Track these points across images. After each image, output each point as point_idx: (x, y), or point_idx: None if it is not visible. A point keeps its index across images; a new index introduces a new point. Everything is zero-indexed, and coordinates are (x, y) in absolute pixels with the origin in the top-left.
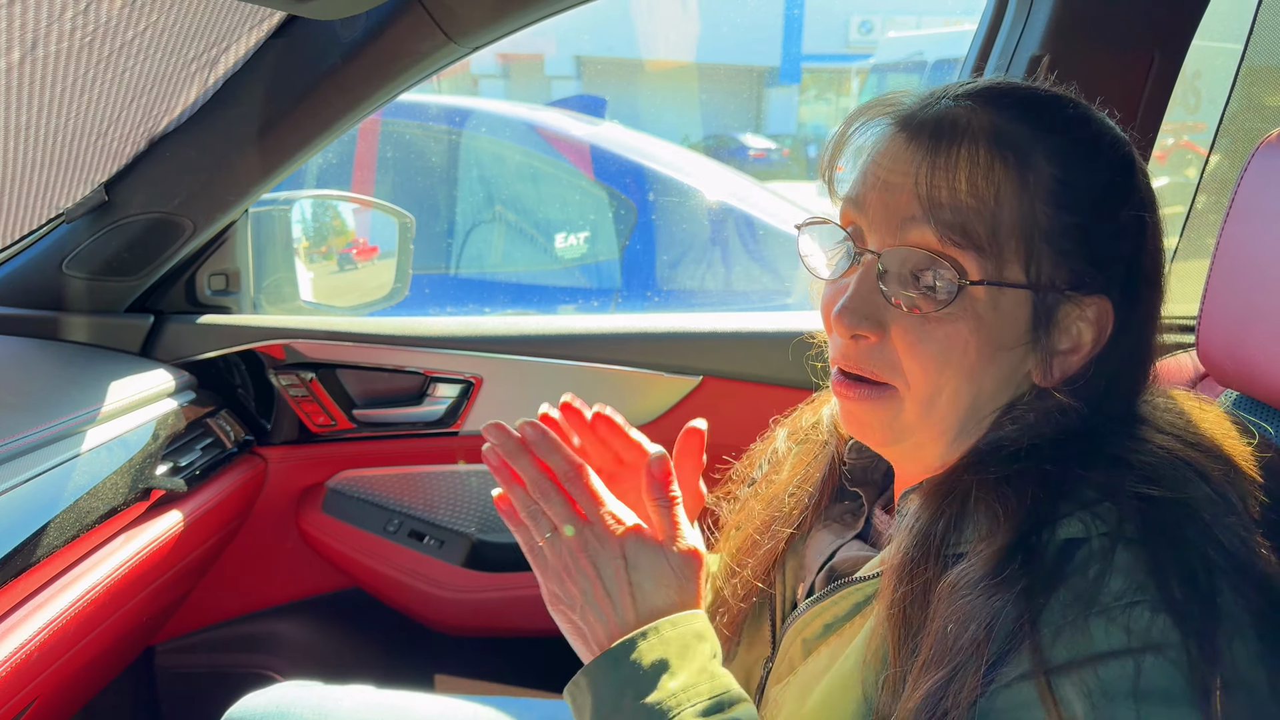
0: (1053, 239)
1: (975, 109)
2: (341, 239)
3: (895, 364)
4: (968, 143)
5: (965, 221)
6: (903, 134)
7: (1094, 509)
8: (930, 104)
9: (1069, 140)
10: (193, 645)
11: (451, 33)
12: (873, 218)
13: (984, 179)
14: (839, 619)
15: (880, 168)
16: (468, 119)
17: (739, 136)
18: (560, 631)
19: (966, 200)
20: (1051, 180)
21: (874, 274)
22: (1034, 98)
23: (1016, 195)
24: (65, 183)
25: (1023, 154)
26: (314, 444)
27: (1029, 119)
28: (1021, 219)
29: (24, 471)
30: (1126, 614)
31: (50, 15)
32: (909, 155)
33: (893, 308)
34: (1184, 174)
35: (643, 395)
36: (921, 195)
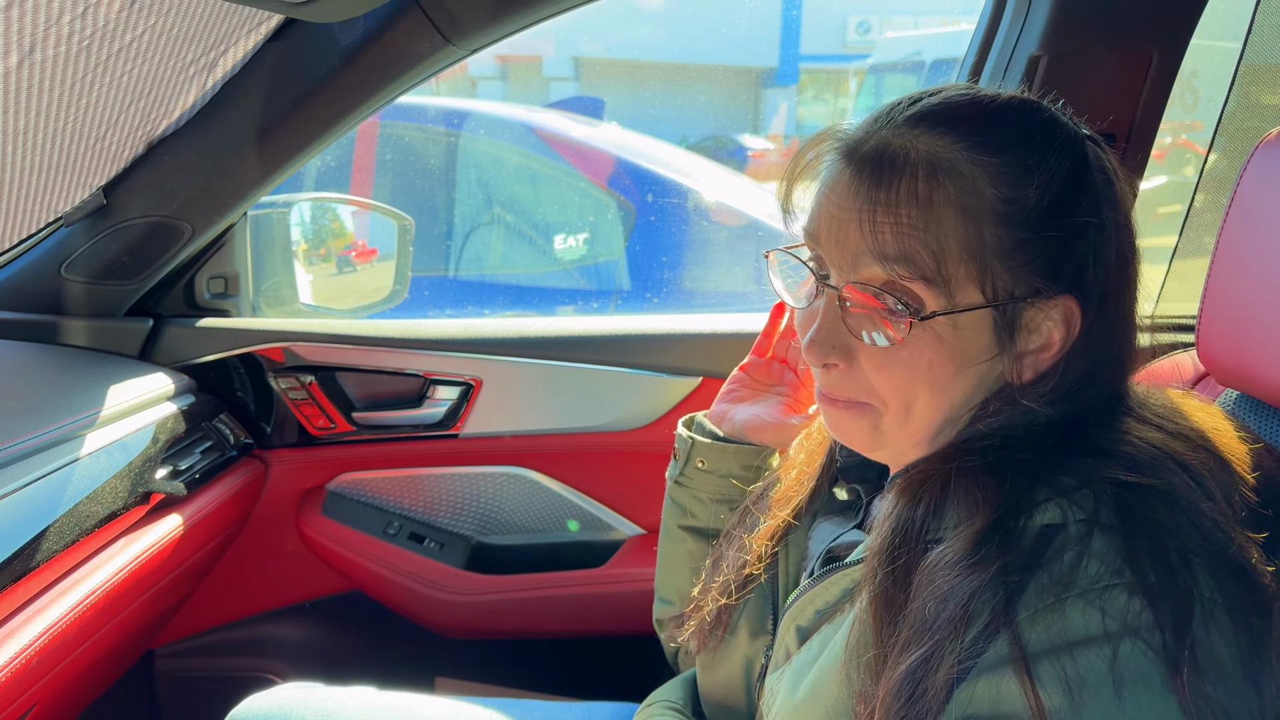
0: (1005, 257)
1: (916, 135)
2: (340, 241)
3: (867, 386)
4: (907, 176)
5: (911, 255)
6: (849, 168)
7: (1071, 496)
8: (872, 132)
9: (1014, 157)
10: (193, 649)
11: (449, 35)
12: (829, 252)
13: (924, 211)
14: (829, 605)
15: (830, 203)
16: (466, 121)
17: (737, 137)
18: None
19: (909, 234)
20: (996, 201)
21: (835, 307)
22: (978, 116)
23: (961, 222)
24: (64, 186)
25: (963, 180)
26: (314, 447)
27: (970, 140)
28: (969, 244)
29: (23, 476)
30: (1102, 599)
31: (48, 19)
32: (854, 190)
33: (854, 338)
34: (1182, 173)
35: (642, 397)
36: (866, 233)
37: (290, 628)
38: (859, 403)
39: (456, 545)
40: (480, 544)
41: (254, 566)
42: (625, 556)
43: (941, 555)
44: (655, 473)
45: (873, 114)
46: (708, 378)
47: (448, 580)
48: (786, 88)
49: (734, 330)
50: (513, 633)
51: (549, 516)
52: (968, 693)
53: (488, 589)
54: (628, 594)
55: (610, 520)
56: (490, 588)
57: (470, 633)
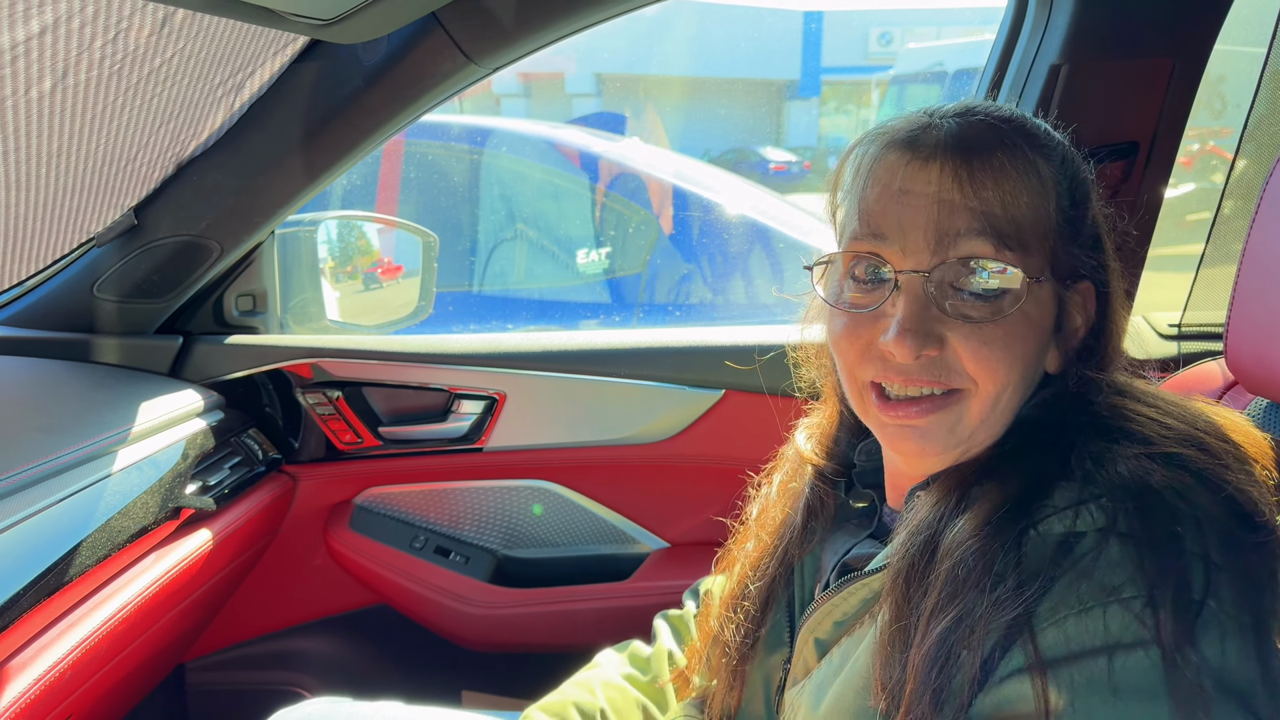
0: (1062, 234)
1: (978, 124)
2: (366, 259)
3: (960, 370)
4: (994, 153)
5: (1016, 224)
6: (918, 157)
7: (1090, 504)
8: (930, 126)
9: (1055, 149)
10: (223, 662)
11: (472, 54)
12: (905, 242)
13: (1022, 183)
14: (849, 616)
15: (902, 191)
16: (489, 138)
17: (759, 150)
18: (585, 647)
19: (1014, 204)
20: (1054, 181)
21: (922, 294)
22: (1016, 116)
23: (1036, 196)
24: (95, 207)
25: (1030, 159)
26: (341, 461)
27: (1021, 132)
28: (1043, 219)
29: (57, 492)
30: (1107, 610)
31: (80, 44)
32: (934, 171)
33: (949, 320)
34: (1210, 179)
35: (665, 410)
36: (969, 203)
37: (318, 641)
38: (951, 391)
39: (482, 559)
40: (505, 557)
41: (282, 580)
42: (650, 570)
43: (967, 522)
44: (679, 486)
45: (911, 117)
46: (731, 390)
47: (473, 594)
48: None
49: (757, 342)
50: (538, 646)
51: (573, 530)
52: (982, 701)
53: (513, 602)
54: (652, 607)
55: (635, 534)
56: (516, 601)
57: (496, 646)
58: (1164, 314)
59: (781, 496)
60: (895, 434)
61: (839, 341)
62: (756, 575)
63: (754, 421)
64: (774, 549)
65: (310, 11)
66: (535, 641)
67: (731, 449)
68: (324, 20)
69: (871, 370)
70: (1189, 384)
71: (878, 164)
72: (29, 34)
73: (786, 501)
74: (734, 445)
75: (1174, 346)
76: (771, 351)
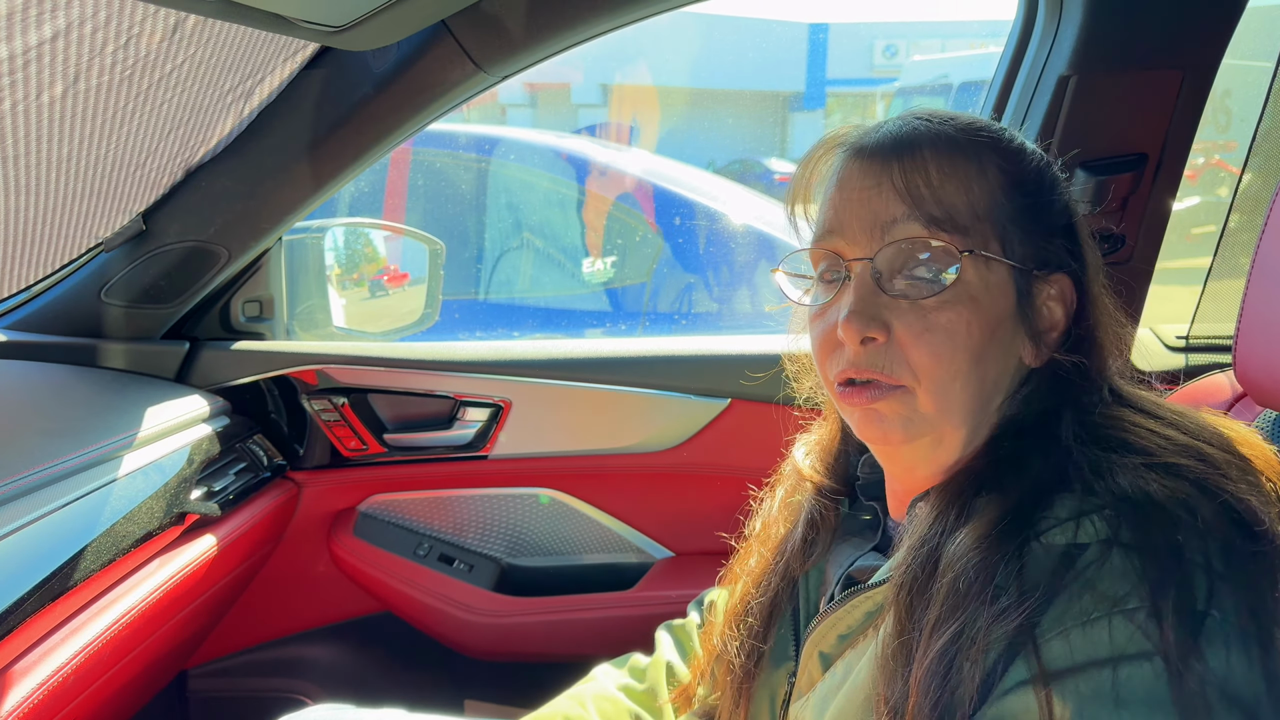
0: (1015, 219)
1: (919, 123)
2: (373, 266)
3: (903, 361)
4: (927, 146)
5: (945, 207)
6: (861, 156)
7: (1091, 515)
8: (876, 129)
9: (1000, 141)
10: (225, 669)
11: (481, 62)
12: (853, 234)
13: (950, 170)
14: (852, 629)
15: (850, 188)
16: (496, 147)
17: (764, 161)
18: (589, 656)
19: (941, 188)
20: (1000, 171)
21: (869, 279)
22: (963, 117)
23: (979, 183)
24: (104, 212)
25: (972, 152)
26: (345, 468)
27: (964, 128)
28: (989, 203)
29: (63, 496)
30: (1111, 621)
31: (92, 50)
32: (875, 168)
33: (894, 305)
34: (1215, 193)
35: (671, 418)
36: (900, 192)
37: (321, 649)
38: (896, 386)
39: (485, 567)
40: (509, 565)
41: (286, 587)
42: (654, 579)
43: (967, 535)
44: (684, 495)
45: (864, 124)
46: (736, 399)
47: (477, 602)
48: (813, 111)
49: (762, 351)
50: (541, 655)
51: (578, 539)
52: (984, 714)
53: (516, 611)
54: (656, 616)
55: (639, 543)
56: (519, 610)
57: (499, 655)
58: (1171, 326)
59: (782, 512)
60: (860, 421)
61: (814, 343)
62: (759, 591)
63: (760, 431)
64: (775, 564)
65: (322, 18)
66: (538, 651)
67: (737, 458)
68: (335, 27)
69: (834, 366)
70: (1197, 396)
71: (828, 169)
72: (41, 39)
73: (787, 517)
74: (740, 455)
75: (1181, 358)
76: (778, 361)
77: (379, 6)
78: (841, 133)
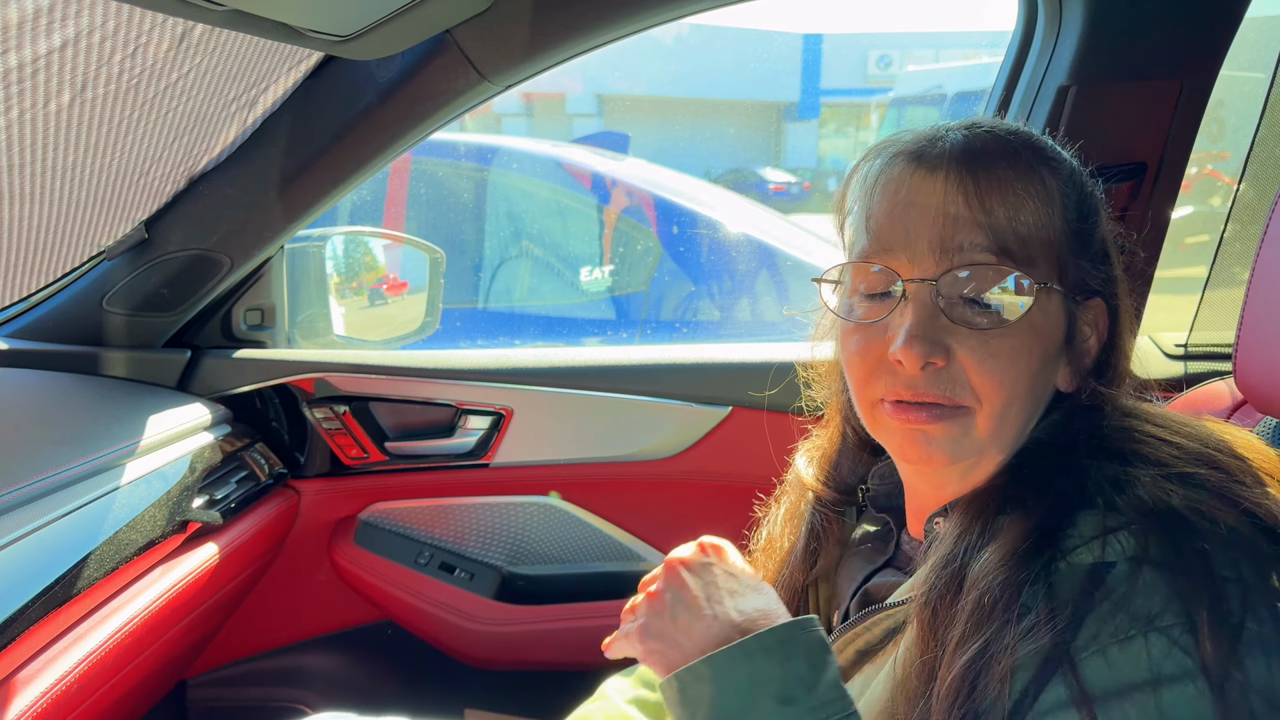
0: (1070, 246)
1: (988, 136)
2: (373, 274)
3: (965, 384)
4: (1002, 164)
5: (1020, 236)
6: (925, 165)
7: (1117, 532)
8: (939, 139)
9: (1061, 162)
10: (225, 678)
11: (485, 71)
12: (915, 251)
13: (1025, 194)
14: (872, 645)
15: (913, 202)
16: (496, 156)
17: (759, 170)
18: (590, 665)
19: (1016, 215)
20: (1063, 196)
21: (930, 302)
22: (1023, 132)
23: (1049, 209)
24: (107, 221)
25: (1037, 173)
26: (346, 476)
27: (1033, 146)
28: (1051, 231)
29: (65, 504)
30: (1148, 639)
31: (100, 59)
32: (943, 182)
33: (956, 330)
34: (1209, 203)
35: (671, 426)
36: (975, 213)
37: (321, 658)
38: (956, 405)
39: (487, 575)
40: (510, 574)
41: (287, 596)
42: None
43: (993, 554)
44: (686, 502)
45: (919, 131)
46: (737, 407)
47: (478, 610)
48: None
49: (762, 359)
50: (543, 664)
51: (579, 546)
52: None
53: (517, 619)
54: None
55: (641, 550)
56: (520, 618)
57: (500, 663)
58: (1170, 334)
59: (786, 523)
60: (905, 439)
61: (850, 358)
62: None
63: (762, 438)
64: (779, 576)
65: (328, 28)
66: (540, 659)
67: (739, 466)
68: (341, 37)
69: (881, 386)
70: (1197, 404)
71: (884, 176)
72: (50, 48)
73: (791, 528)
74: (741, 462)
75: (1180, 366)
76: (780, 369)
77: (385, 16)
78: (898, 138)
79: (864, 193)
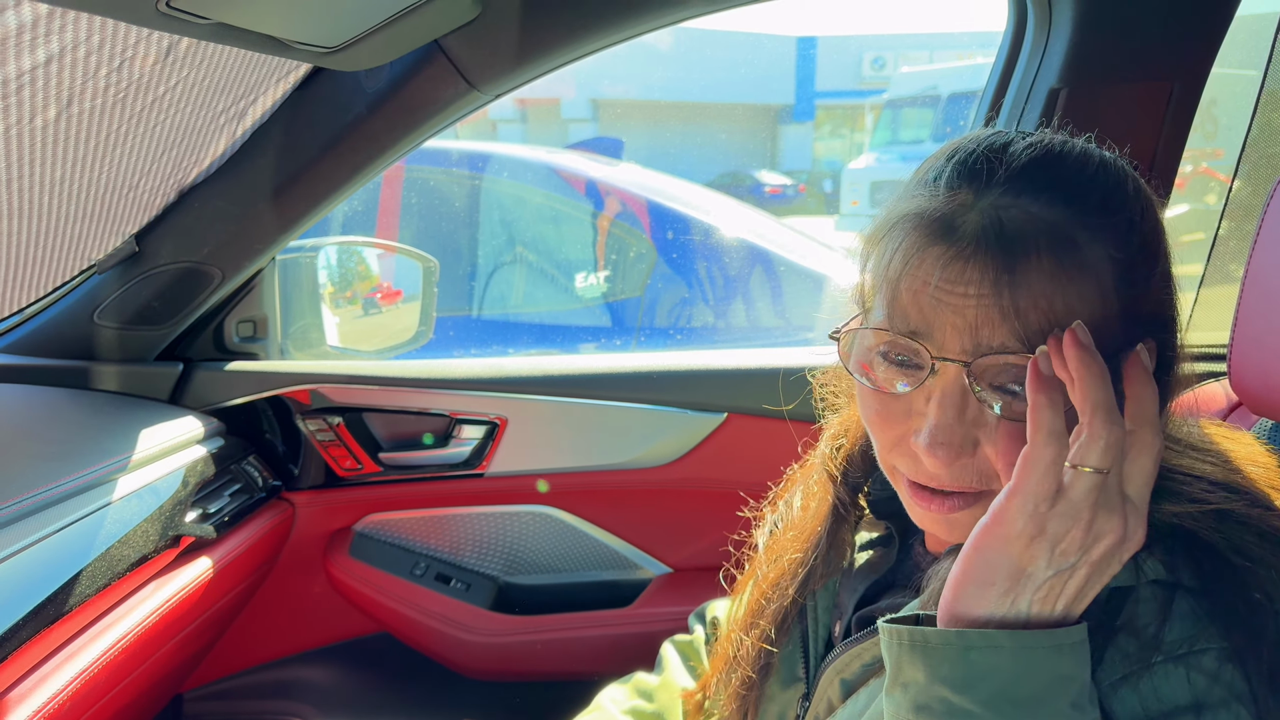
0: (1119, 315)
1: (1019, 202)
2: (366, 284)
3: (988, 473)
4: (1041, 252)
5: (1049, 325)
6: (951, 252)
7: (1145, 560)
8: (966, 205)
9: (1120, 218)
10: (221, 692)
11: (474, 80)
12: (942, 338)
13: (1065, 283)
14: (878, 659)
15: (939, 289)
16: (489, 164)
17: (754, 173)
18: (587, 675)
19: (1051, 309)
20: (1110, 262)
21: (960, 387)
22: (1073, 176)
23: (1087, 289)
24: (97, 234)
25: (1083, 248)
26: (341, 488)
27: (1078, 205)
28: (1095, 309)
29: (57, 520)
30: (1188, 665)
31: (85, 73)
32: (972, 272)
33: (984, 416)
34: (1204, 201)
35: (667, 433)
36: (1005, 313)
37: (318, 670)
38: (980, 492)
39: (483, 586)
40: (507, 584)
41: (282, 609)
42: (652, 596)
43: None
44: (682, 510)
45: (947, 182)
46: (733, 413)
47: (474, 621)
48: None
49: (758, 365)
50: (539, 674)
51: (575, 556)
52: None
53: (514, 630)
54: (656, 633)
55: (637, 559)
56: (516, 629)
57: (497, 674)
58: None
59: (807, 513)
60: (924, 519)
61: (871, 420)
62: (774, 596)
63: (757, 445)
64: (795, 570)
65: (315, 40)
66: (537, 670)
67: (734, 473)
68: (328, 48)
69: (903, 464)
70: (1192, 405)
71: (907, 253)
72: (35, 63)
73: (812, 519)
74: (737, 469)
75: (1185, 367)
76: (775, 374)
77: (372, 28)
78: (917, 202)
79: (884, 265)
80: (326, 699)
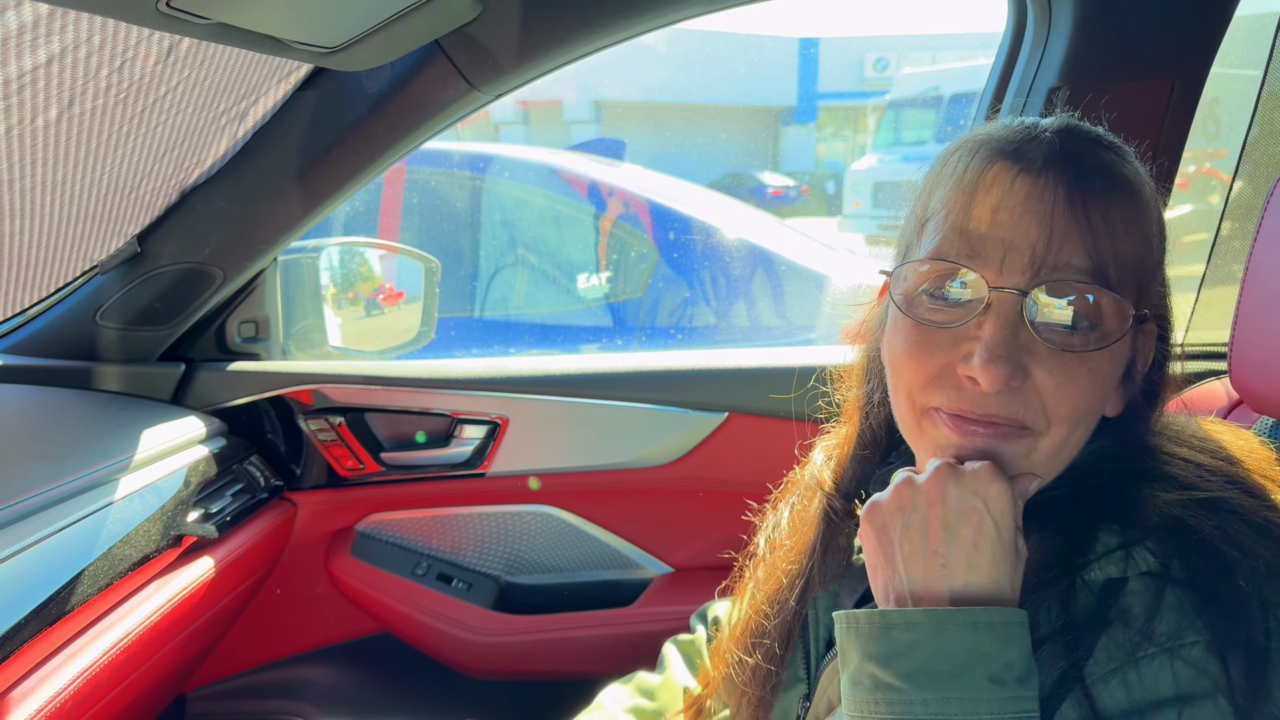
0: (1151, 275)
1: (1084, 140)
2: (368, 285)
3: (1037, 406)
4: (1111, 183)
5: (1123, 265)
6: (1027, 171)
7: (1135, 549)
8: (1035, 136)
9: (1150, 186)
10: (224, 692)
11: (475, 80)
12: (1008, 259)
13: (1134, 219)
14: None
15: (1008, 205)
16: (490, 165)
17: (757, 175)
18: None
19: (1123, 241)
20: (1154, 222)
21: (1016, 315)
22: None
23: (1145, 230)
24: (99, 235)
25: (1141, 196)
26: (343, 488)
27: (1135, 166)
28: (1145, 255)
29: (59, 520)
30: (1175, 656)
31: (87, 73)
32: (1046, 189)
33: (1035, 348)
34: (1207, 201)
35: (668, 433)
36: (1082, 233)
37: (320, 670)
38: (1020, 427)
39: (484, 585)
40: (508, 584)
41: (284, 608)
42: (653, 595)
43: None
44: (683, 510)
45: (1016, 126)
46: (734, 413)
47: (476, 621)
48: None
49: (759, 365)
50: (541, 674)
51: (576, 555)
52: None
53: (516, 629)
54: (657, 633)
55: (638, 558)
56: (518, 628)
57: (499, 674)
58: None
59: (798, 524)
60: (960, 453)
61: (905, 361)
62: (775, 610)
63: (758, 445)
64: (793, 583)
65: (316, 40)
66: (538, 669)
67: (735, 472)
68: (329, 48)
69: (939, 397)
70: (1193, 403)
71: (983, 176)
72: (36, 63)
73: (804, 530)
74: (738, 469)
75: (1177, 366)
76: (776, 374)
77: (372, 28)
78: (987, 132)
79: (955, 191)
80: (328, 698)
